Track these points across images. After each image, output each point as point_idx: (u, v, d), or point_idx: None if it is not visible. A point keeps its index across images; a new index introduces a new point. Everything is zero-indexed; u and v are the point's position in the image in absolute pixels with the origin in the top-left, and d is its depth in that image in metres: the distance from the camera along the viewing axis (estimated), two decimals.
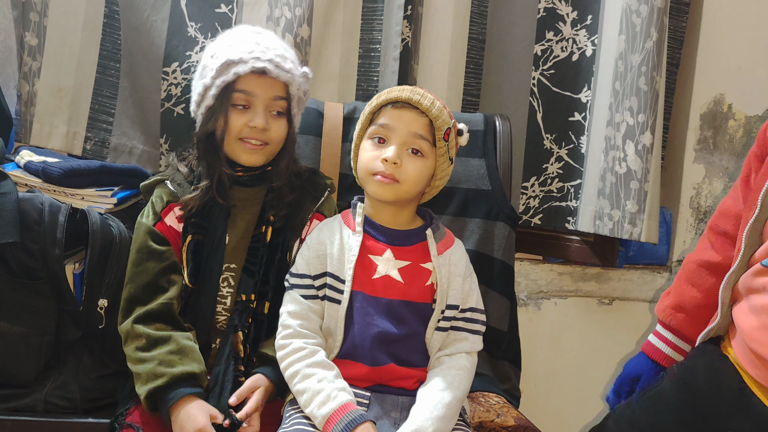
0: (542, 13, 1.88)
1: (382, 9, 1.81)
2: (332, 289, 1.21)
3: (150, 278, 1.27)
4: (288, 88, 1.31)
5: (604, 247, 1.94)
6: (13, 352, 1.33)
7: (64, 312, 1.36)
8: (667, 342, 1.29)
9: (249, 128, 1.29)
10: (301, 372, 1.15)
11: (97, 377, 1.38)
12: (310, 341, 1.19)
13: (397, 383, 1.20)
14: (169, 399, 1.17)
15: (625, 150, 1.74)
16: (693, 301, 1.26)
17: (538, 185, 1.93)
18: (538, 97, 1.90)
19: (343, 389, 1.13)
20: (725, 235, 1.24)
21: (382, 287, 1.20)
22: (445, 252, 1.24)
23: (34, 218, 1.34)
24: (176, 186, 1.34)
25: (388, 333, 1.18)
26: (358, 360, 1.19)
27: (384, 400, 1.18)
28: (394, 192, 1.20)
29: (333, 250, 1.22)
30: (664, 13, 1.71)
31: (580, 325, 2.01)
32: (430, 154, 1.21)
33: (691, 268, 1.28)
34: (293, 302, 1.22)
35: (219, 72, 1.27)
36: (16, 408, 1.32)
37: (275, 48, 1.31)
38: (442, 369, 1.19)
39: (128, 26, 1.75)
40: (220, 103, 1.29)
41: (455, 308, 1.23)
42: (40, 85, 1.74)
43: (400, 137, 1.19)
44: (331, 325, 1.21)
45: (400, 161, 1.18)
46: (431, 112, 1.19)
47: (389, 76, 1.79)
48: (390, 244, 1.23)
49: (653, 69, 1.71)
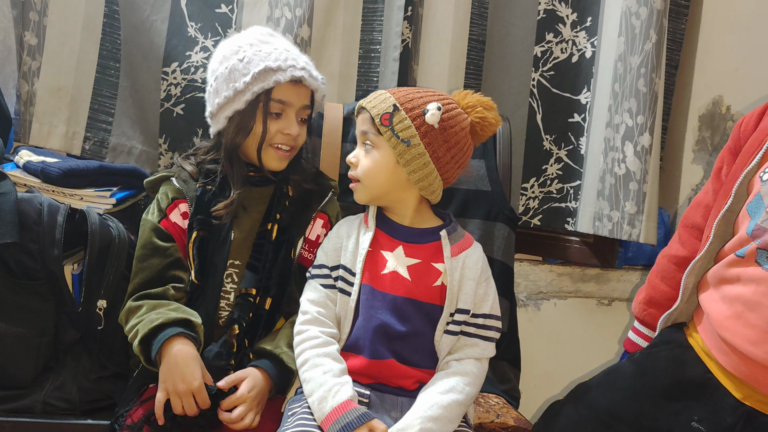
0: (542, 15, 1.89)
1: (382, 10, 1.81)
2: (344, 281, 1.24)
3: (154, 274, 1.28)
4: (314, 95, 1.36)
5: (604, 248, 1.94)
6: (12, 353, 1.33)
7: (63, 313, 1.36)
8: (644, 336, 1.32)
9: (283, 135, 1.32)
10: (311, 360, 1.16)
11: (96, 378, 1.38)
12: (326, 330, 1.21)
13: (396, 381, 1.19)
14: (160, 336, 1.18)
15: (624, 151, 1.74)
16: (663, 296, 1.28)
17: (538, 186, 1.93)
18: (537, 99, 1.90)
19: (346, 384, 1.13)
20: (694, 228, 1.26)
21: (390, 283, 1.21)
22: (460, 254, 1.24)
23: (33, 218, 1.34)
24: (182, 183, 1.35)
25: (390, 328, 1.18)
26: (359, 352, 1.20)
27: (384, 399, 1.18)
28: (360, 192, 1.27)
29: (349, 244, 1.25)
30: (663, 15, 1.71)
31: (579, 325, 2.01)
32: (379, 143, 1.23)
33: (662, 263, 1.30)
34: (313, 290, 1.25)
35: (256, 78, 1.28)
36: (15, 409, 1.32)
37: (300, 54, 1.35)
38: (447, 373, 1.18)
39: (128, 26, 1.75)
40: (253, 108, 1.30)
41: (466, 313, 1.21)
42: (40, 85, 1.73)
43: (358, 139, 1.27)
44: (342, 315, 1.23)
45: (356, 159, 1.25)
46: (367, 106, 1.24)
47: (389, 76, 1.79)
48: (402, 241, 1.24)
49: (652, 70, 1.71)
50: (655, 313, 1.28)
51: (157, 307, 1.24)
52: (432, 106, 1.20)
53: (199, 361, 1.19)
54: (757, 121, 1.17)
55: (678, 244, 1.29)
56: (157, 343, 1.18)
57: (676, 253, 1.28)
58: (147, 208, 1.36)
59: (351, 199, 1.32)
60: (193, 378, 1.16)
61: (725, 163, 1.22)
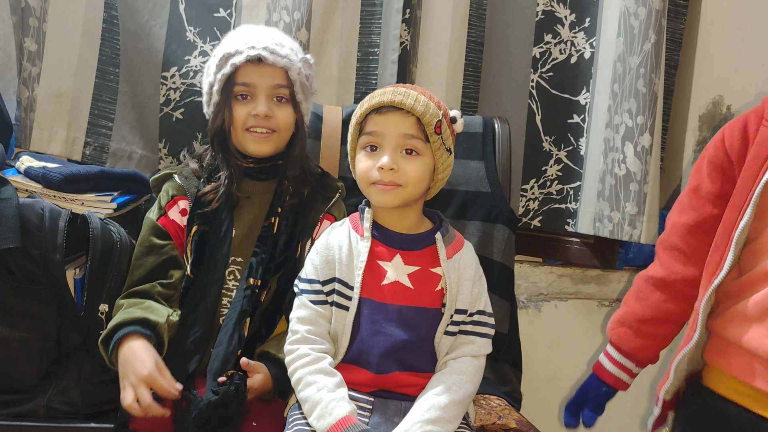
0: (540, 16, 1.89)
1: (380, 13, 1.81)
2: (340, 295, 1.20)
3: (146, 272, 1.30)
4: (288, 73, 1.34)
5: (604, 249, 1.94)
6: (15, 357, 1.33)
7: (65, 317, 1.36)
8: (612, 360, 1.29)
9: (253, 117, 1.33)
10: (304, 379, 1.14)
11: (99, 382, 1.38)
12: (317, 347, 1.18)
13: (401, 390, 1.19)
14: (116, 336, 1.19)
15: (624, 152, 1.74)
16: (633, 315, 1.25)
17: (538, 187, 1.93)
18: (537, 100, 1.90)
19: (342, 399, 1.11)
20: (674, 249, 1.22)
21: (392, 294, 1.18)
22: (455, 256, 1.22)
23: (34, 224, 1.34)
24: (183, 179, 1.38)
25: (397, 341, 1.16)
26: (363, 366, 1.18)
27: (387, 406, 1.17)
28: (399, 197, 1.18)
29: (342, 256, 1.20)
30: (662, 15, 1.71)
31: (580, 327, 2.01)
32: (426, 150, 1.18)
33: (639, 284, 1.27)
34: (302, 307, 1.21)
35: (219, 67, 1.33)
36: (18, 414, 1.32)
37: (272, 37, 1.35)
38: (444, 373, 1.17)
39: (127, 31, 1.75)
40: (225, 97, 1.33)
41: (464, 313, 1.21)
42: (40, 91, 1.74)
43: (392, 142, 1.17)
44: (338, 330, 1.19)
45: (397, 166, 1.16)
46: (416, 109, 1.16)
47: (387, 79, 1.80)
48: (399, 249, 1.21)
49: (652, 71, 1.71)
50: (625, 331, 1.26)
51: (132, 306, 1.25)
52: (457, 114, 1.23)
53: (151, 352, 1.18)
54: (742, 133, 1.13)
55: (657, 266, 1.24)
56: (112, 343, 1.19)
57: (654, 274, 1.24)
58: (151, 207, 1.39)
59: (353, 200, 1.31)
60: (142, 367, 1.15)
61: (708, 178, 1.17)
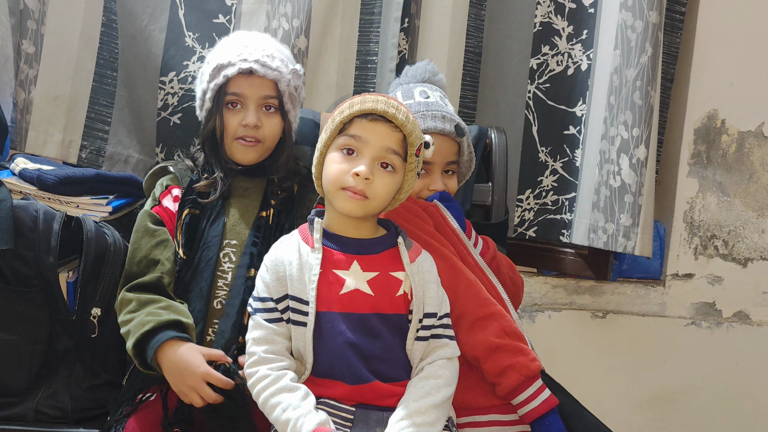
0: (538, 28, 1.90)
1: (379, 21, 1.82)
2: (296, 311, 1.15)
3: (143, 253, 1.32)
4: (277, 85, 1.39)
5: (598, 260, 1.94)
6: (5, 360, 1.33)
7: (57, 321, 1.36)
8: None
9: (243, 127, 1.38)
10: (269, 402, 1.11)
11: (89, 387, 1.37)
12: (275, 365, 1.14)
13: (382, 402, 1.15)
14: (153, 342, 1.19)
15: (619, 163, 1.75)
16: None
17: (533, 198, 1.93)
18: (533, 111, 1.91)
19: (309, 412, 1.08)
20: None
21: (351, 302, 1.15)
22: (417, 259, 1.20)
23: (28, 226, 1.34)
24: (178, 170, 1.42)
25: (363, 348, 1.14)
26: (337, 379, 1.14)
27: (369, 416, 1.14)
28: (363, 208, 1.15)
29: (292, 271, 1.16)
30: (658, 29, 1.72)
31: (573, 338, 2.01)
32: (400, 169, 1.17)
33: None
34: (257, 327, 1.16)
35: (212, 76, 1.38)
36: (7, 417, 1.31)
37: (264, 48, 1.39)
38: (420, 378, 1.16)
39: (126, 35, 1.76)
40: (216, 105, 1.38)
41: (434, 316, 1.19)
42: (37, 93, 1.74)
43: (372, 151, 1.15)
44: (300, 347, 1.16)
45: (372, 177, 1.14)
46: (406, 127, 1.15)
47: (385, 87, 1.80)
48: (356, 254, 1.17)
49: (648, 84, 1.72)
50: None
51: (148, 304, 1.25)
52: (430, 140, 1.23)
53: (195, 349, 1.19)
54: None
55: None
56: (151, 349, 1.19)
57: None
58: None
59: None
60: (196, 367, 1.17)
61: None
